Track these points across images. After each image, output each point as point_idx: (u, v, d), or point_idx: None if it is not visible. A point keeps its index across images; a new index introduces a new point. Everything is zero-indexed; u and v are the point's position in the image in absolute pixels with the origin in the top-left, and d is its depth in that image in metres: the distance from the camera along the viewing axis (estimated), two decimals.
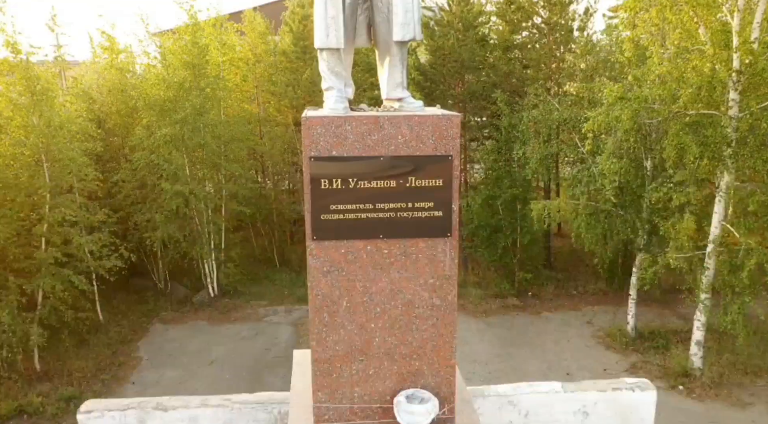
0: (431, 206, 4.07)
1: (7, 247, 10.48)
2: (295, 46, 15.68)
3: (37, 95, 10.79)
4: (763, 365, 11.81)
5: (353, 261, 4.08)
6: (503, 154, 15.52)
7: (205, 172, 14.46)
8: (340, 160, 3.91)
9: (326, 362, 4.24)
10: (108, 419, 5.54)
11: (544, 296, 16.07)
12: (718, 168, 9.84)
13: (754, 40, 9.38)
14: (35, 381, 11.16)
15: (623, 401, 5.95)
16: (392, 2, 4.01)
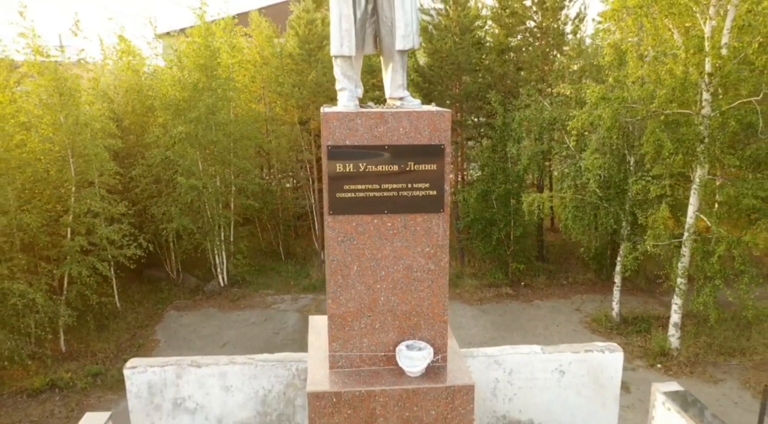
0: (427, 187, 4.89)
1: (37, 236, 11.30)
2: (300, 49, 16.49)
3: (65, 96, 11.61)
4: (737, 346, 12.63)
5: (362, 232, 4.90)
6: (497, 151, 16.35)
7: (216, 168, 15.27)
8: (352, 148, 4.73)
9: (340, 317, 5.06)
10: (150, 374, 6.37)
11: (536, 285, 16.90)
12: (692, 163, 10.68)
13: (724, 45, 10.22)
14: (62, 360, 11.98)
15: (594, 361, 6.78)
16: (395, 17, 4.83)
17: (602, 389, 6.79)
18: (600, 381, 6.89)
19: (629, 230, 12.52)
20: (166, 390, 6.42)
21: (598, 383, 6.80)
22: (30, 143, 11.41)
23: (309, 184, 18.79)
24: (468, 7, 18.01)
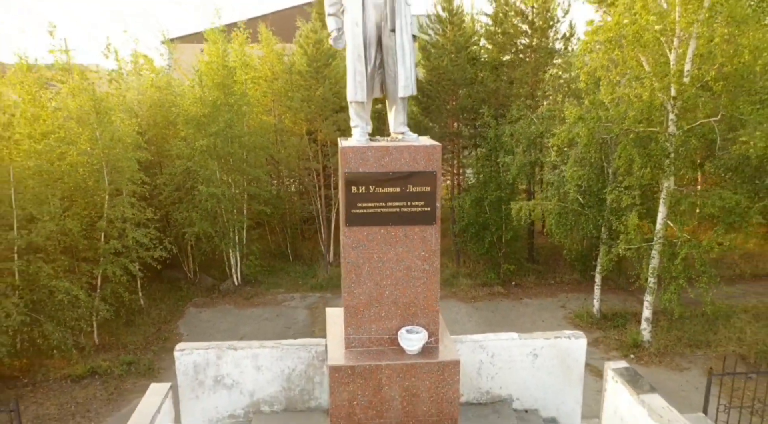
0: (422, 204, 6.15)
1: (77, 239, 12.56)
2: (309, 67, 17.76)
3: (101, 114, 12.86)
4: (704, 339, 13.88)
5: (372, 240, 6.17)
6: (490, 161, 17.61)
7: (232, 177, 16.53)
8: (364, 175, 6.00)
9: (354, 307, 6.32)
10: (195, 356, 7.63)
11: (526, 284, 18.16)
12: (659, 175, 11.95)
13: (687, 72, 11.49)
14: (97, 351, 13.24)
15: (562, 346, 8.03)
16: (397, 71, 6.10)
17: (569, 370, 8.04)
18: (567, 363, 8.14)
19: (607, 235, 13.78)
20: (208, 369, 7.68)
21: (565, 364, 8.06)
22: (69, 156, 12.67)
23: (315, 191, 20.07)
24: (463, 26, 19.31)
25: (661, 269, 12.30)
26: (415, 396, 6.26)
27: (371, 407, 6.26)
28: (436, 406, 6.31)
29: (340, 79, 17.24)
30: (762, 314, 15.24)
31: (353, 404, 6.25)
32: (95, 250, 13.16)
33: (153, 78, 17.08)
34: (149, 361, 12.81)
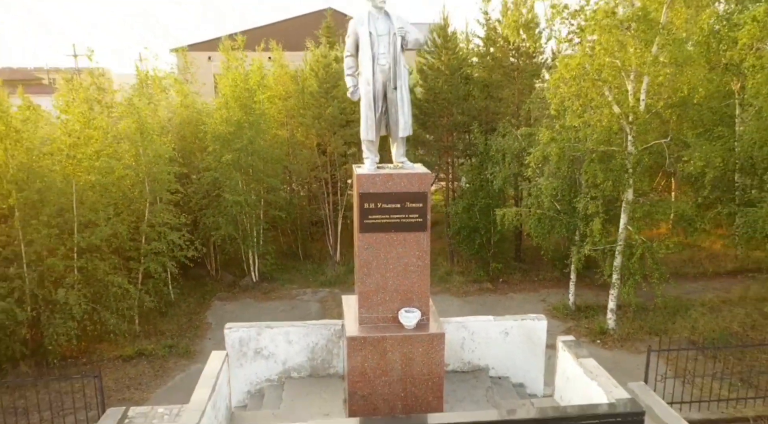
0: (416, 217, 8.15)
1: (124, 241, 14.56)
2: (319, 88, 19.75)
3: (144, 133, 14.86)
4: (662, 328, 15.83)
5: (379, 243, 8.16)
6: (480, 171, 19.59)
7: (252, 186, 18.51)
8: (373, 195, 7.99)
9: (365, 293, 8.31)
10: (240, 332, 9.65)
11: (512, 281, 20.14)
12: (619, 188, 13.95)
13: (642, 100, 13.49)
14: (140, 337, 15.23)
15: (528, 326, 10.03)
16: (398, 118, 8.09)
17: (533, 345, 10.04)
18: (532, 340, 10.14)
19: (578, 238, 15.77)
20: (250, 343, 9.70)
21: (530, 341, 10.06)
22: (117, 171, 14.65)
23: (324, 197, 22.04)
24: (457, 50, 21.33)
25: (622, 267, 14.31)
26: (411, 360, 8.25)
27: (378, 367, 8.24)
28: (427, 367, 8.30)
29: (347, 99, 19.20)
30: (716, 306, 17.22)
31: (365, 365, 8.23)
32: (138, 250, 15.15)
33: (182, 100, 19.11)
34: (186, 345, 14.81)
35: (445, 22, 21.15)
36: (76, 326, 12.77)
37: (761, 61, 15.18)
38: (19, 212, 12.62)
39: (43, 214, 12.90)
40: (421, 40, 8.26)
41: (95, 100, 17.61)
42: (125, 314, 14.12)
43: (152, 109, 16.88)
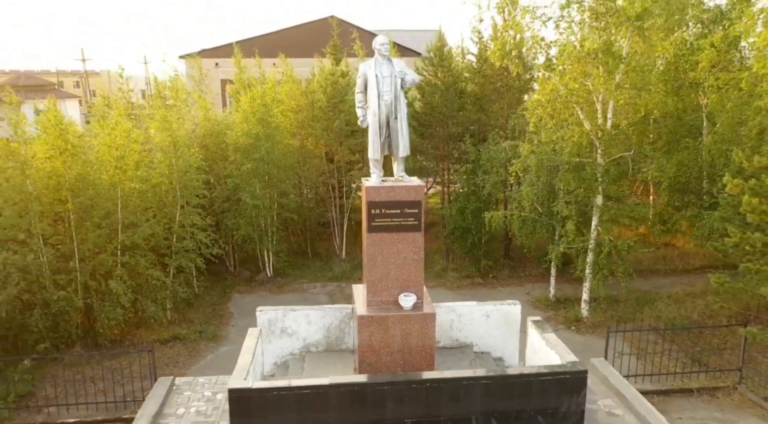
0: (412, 220, 10.11)
1: (160, 240, 16.51)
2: (327, 103, 21.70)
3: (177, 146, 16.81)
4: (631, 317, 17.71)
5: (383, 241, 10.11)
6: (472, 178, 21.52)
7: (267, 191, 20.43)
8: (379, 203, 9.96)
9: (372, 281, 10.25)
10: (269, 314, 11.61)
11: (501, 276, 22.06)
12: (590, 194, 15.89)
13: (609, 119, 15.44)
14: (172, 324, 17.18)
15: (505, 310, 11.98)
16: (398, 142, 10.08)
17: (510, 326, 11.99)
18: (508, 321, 12.09)
19: (557, 237, 17.71)
20: (277, 323, 11.65)
21: (507, 322, 12.01)
22: (153, 179, 16.60)
23: (331, 201, 23.97)
24: (452, 68, 23.28)
25: (593, 263, 16.26)
26: (409, 334, 10.20)
27: (382, 341, 10.17)
28: (421, 340, 10.23)
29: (352, 112, 21.12)
30: (680, 299, 19.13)
31: (371, 339, 10.17)
32: (170, 247, 17.10)
33: (205, 114, 21.09)
34: (213, 330, 16.76)
35: (441, 41, 23.14)
36: (122, 312, 14.72)
37: (718, 81, 17.18)
38: (74, 215, 14.55)
39: (94, 216, 14.85)
40: (416, 80, 10.25)
41: (130, 115, 19.57)
42: (162, 303, 16.07)
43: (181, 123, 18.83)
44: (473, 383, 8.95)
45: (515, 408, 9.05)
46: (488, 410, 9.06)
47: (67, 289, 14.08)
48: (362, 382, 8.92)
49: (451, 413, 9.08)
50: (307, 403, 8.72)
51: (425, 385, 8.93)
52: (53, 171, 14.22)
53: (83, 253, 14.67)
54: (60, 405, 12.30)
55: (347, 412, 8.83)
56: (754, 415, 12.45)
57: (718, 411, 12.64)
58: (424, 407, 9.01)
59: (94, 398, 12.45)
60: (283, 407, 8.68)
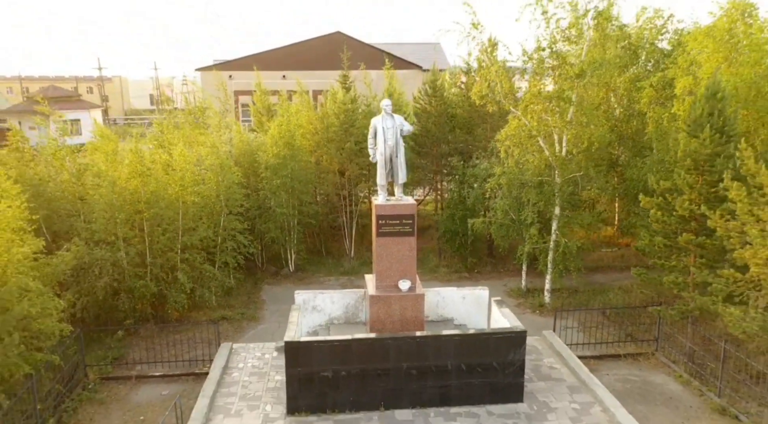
0: (408, 228, 13.97)
1: (209, 241, 20.39)
2: (340, 128, 25.59)
3: (223, 165, 20.71)
4: (585, 303, 21.50)
5: (388, 242, 13.93)
6: (459, 190, 25.34)
7: (291, 201, 24.27)
8: (384, 215, 13.88)
9: (379, 271, 14.10)
10: (303, 296, 15.48)
11: (484, 272, 25.84)
12: (549, 206, 19.75)
13: (564, 147, 19.31)
14: (219, 308, 21.04)
15: (477, 293, 15.84)
16: (398, 172, 14.01)
17: (480, 305, 15.87)
18: (479, 302, 15.98)
19: (525, 239, 21.55)
20: (309, 302, 15.55)
21: (478, 302, 15.89)
22: (204, 193, 20.45)
23: (342, 208, 27.79)
24: (444, 97, 27.16)
25: (553, 260, 20.15)
26: (405, 309, 14.08)
27: (386, 314, 14.04)
28: (414, 313, 14.10)
29: (361, 136, 24.98)
30: (629, 289, 22.87)
31: (379, 312, 14.05)
32: (216, 247, 20.99)
33: (240, 136, 25.02)
34: (251, 313, 20.61)
35: (435, 76, 27.04)
36: (185, 297, 18.62)
37: (656, 114, 21.06)
38: (147, 222, 18.40)
39: (162, 223, 18.73)
40: (410, 129, 14.15)
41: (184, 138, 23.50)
42: (213, 291, 19.97)
43: (222, 146, 22.77)
44: (448, 340, 12.82)
45: (477, 358, 12.93)
46: (459, 359, 12.92)
47: (144, 279, 17.94)
48: (373, 337, 12.79)
49: (434, 362, 12.93)
50: (336, 352, 12.59)
51: (416, 341, 12.79)
52: (133, 189, 18.12)
53: (154, 252, 18.52)
54: (149, 362, 16.20)
55: (363, 360, 12.70)
56: (663, 373, 16.30)
57: (637, 370, 16.50)
58: (416, 358, 12.86)
59: (172, 359, 16.36)
60: (320, 355, 12.56)
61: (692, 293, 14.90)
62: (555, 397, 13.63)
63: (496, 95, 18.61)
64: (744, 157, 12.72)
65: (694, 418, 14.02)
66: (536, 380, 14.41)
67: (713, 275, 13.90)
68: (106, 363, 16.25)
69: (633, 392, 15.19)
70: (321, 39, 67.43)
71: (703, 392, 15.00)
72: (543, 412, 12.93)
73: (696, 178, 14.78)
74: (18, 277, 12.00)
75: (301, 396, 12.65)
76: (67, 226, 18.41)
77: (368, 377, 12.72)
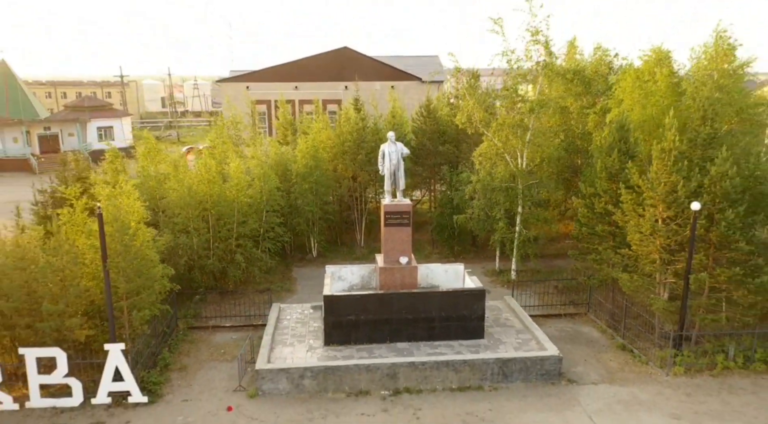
0: (406, 220, 19.68)
1: (255, 232, 26.08)
2: (353, 143, 31.21)
3: (265, 175, 26.40)
4: (544, 277, 27.20)
5: (391, 230, 19.59)
6: (448, 193, 31.01)
7: (315, 200, 29.92)
8: (390, 212, 19.57)
9: (386, 250, 19.63)
10: (332, 269, 20.99)
11: (468, 258, 31.25)
12: (514, 205, 25.42)
13: (525, 161, 24.98)
14: (263, 282, 26.73)
15: (455, 268, 21.26)
16: (399, 182, 19.75)
17: (457, 275, 21.43)
18: (457, 273, 21.54)
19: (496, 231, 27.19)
20: (336, 273, 21.18)
21: (456, 274, 21.48)
22: (252, 195, 26.11)
23: (354, 206, 33.44)
24: (436, 118, 32.83)
25: (517, 246, 25.81)
26: (404, 277, 19.77)
27: (391, 280, 19.71)
28: (410, 280, 19.75)
29: (370, 149, 30.62)
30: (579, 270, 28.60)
31: (386, 279, 19.73)
32: (259, 236, 26.69)
33: (275, 150, 30.81)
34: (288, 286, 26.25)
35: (428, 101, 32.74)
36: (240, 273, 24.35)
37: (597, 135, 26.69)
38: (212, 217, 24.07)
39: (222, 218, 24.45)
40: (408, 152, 19.83)
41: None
42: (260, 268, 25.71)
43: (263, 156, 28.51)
44: (433, 295, 18.46)
45: (452, 308, 18.58)
46: (440, 309, 18.58)
47: (210, 259, 23.71)
48: (382, 293, 18.46)
49: (424, 313, 18.52)
50: (357, 304, 18.24)
51: (411, 296, 18.48)
52: (203, 192, 23.85)
53: (217, 239, 24.18)
54: (219, 317, 21.95)
55: (375, 309, 18.36)
56: (590, 326, 21.94)
57: (572, 324, 22.14)
58: (411, 308, 18.52)
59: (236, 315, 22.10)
60: (347, 306, 18.23)
61: (604, 267, 20.59)
62: (506, 336, 19.32)
63: (474, 122, 24.23)
64: (632, 173, 18.40)
65: (603, 352, 19.71)
66: (495, 326, 20.09)
67: (616, 253, 19.60)
68: (190, 317, 22.02)
69: (565, 337, 20.87)
70: (329, 53, 73.03)
71: (613, 336, 20.67)
72: (497, 344, 18.62)
73: (609, 186, 20.45)
74: (149, 251, 17.74)
75: (334, 333, 18.34)
76: (154, 220, 24.15)
77: (378, 321, 18.39)
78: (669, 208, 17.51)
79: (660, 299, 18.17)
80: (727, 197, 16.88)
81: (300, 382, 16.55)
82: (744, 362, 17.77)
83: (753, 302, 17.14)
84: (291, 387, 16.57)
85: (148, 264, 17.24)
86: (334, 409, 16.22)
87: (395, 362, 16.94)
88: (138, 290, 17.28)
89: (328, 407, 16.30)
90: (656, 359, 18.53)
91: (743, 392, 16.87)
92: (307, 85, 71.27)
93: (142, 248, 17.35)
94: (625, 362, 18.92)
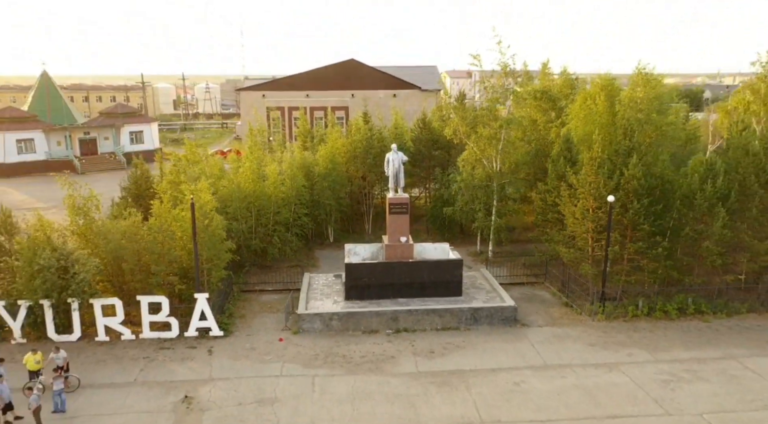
0: (405, 210, 25.97)
1: (287, 220, 32.29)
2: (362, 150, 37.38)
3: (294, 176, 32.61)
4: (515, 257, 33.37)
5: (394, 217, 25.90)
6: (440, 190, 37.20)
7: (332, 195, 36.10)
8: (393, 203, 25.83)
9: (390, 232, 25.89)
10: (350, 246, 27.17)
11: (456, 242, 37.08)
12: (490, 200, 31.63)
13: (499, 164, 31.19)
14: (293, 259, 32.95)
15: (442, 246, 27.34)
16: (400, 182, 26.08)
17: (444, 251, 27.63)
18: (444, 250, 27.62)
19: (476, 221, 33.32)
20: (352, 250, 27.37)
21: (444, 250, 27.63)
22: (284, 192, 32.30)
23: (364, 200, 39.67)
24: (431, 128, 39.03)
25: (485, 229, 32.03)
26: (404, 251, 26.07)
27: (394, 254, 26.02)
28: (408, 253, 26.04)
29: (377, 154, 36.88)
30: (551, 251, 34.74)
31: (390, 253, 26.07)
32: (290, 224, 32.94)
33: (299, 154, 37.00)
34: (312, 263, 32.38)
35: (424, 115, 38.99)
36: (277, 252, 30.65)
37: None
38: (254, 208, 30.35)
39: (262, 209, 30.73)
40: (407, 159, 26.15)
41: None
42: (291, 248, 31.99)
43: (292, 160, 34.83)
44: (425, 264, 24.77)
45: (438, 274, 24.87)
46: (429, 275, 24.91)
47: (254, 240, 30.03)
48: (387, 262, 24.84)
49: (418, 279, 24.81)
50: (369, 270, 24.51)
51: (409, 265, 24.82)
52: (248, 189, 30.14)
53: (258, 225, 30.45)
54: (263, 283, 28.28)
55: (382, 275, 24.67)
56: (545, 291, 28.13)
57: (531, 290, 28.31)
58: (408, 274, 24.85)
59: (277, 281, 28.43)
60: (363, 272, 24.48)
61: (552, 244, 26.87)
62: (478, 295, 25.56)
63: (458, 135, 30.49)
64: (570, 175, 24.65)
65: (551, 307, 25.94)
66: (471, 289, 26.34)
67: (559, 234, 25.87)
68: (241, 283, 28.41)
69: (524, 298, 27.08)
70: (337, 65, 79.46)
71: (561, 297, 26.98)
72: (470, 299, 24.83)
73: (557, 184, 26.72)
74: (219, 231, 24.04)
75: (352, 291, 24.58)
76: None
77: (385, 283, 24.64)
78: (595, 201, 23.76)
79: (588, 266, 24.41)
80: (635, 193, 23.10)
81: (329, 322, 22.82)
82: (648, 311, 24.00)
83: (654, 268, 23.38)
84: (323, 326, 22.85)
85: (219, 240, 23.53)
86: (353, 340, 22.51)
87: (396, 309, 23.18)
88: (212, 258, 23.56)
89: (349, 340, 22.57)
90: (587, 311, 24.77)
91: (643, 331, 23.13)
92: (317, 93, 77.60)
93: (216, 228, 23.64)
94: (565, 314, 25.17)
